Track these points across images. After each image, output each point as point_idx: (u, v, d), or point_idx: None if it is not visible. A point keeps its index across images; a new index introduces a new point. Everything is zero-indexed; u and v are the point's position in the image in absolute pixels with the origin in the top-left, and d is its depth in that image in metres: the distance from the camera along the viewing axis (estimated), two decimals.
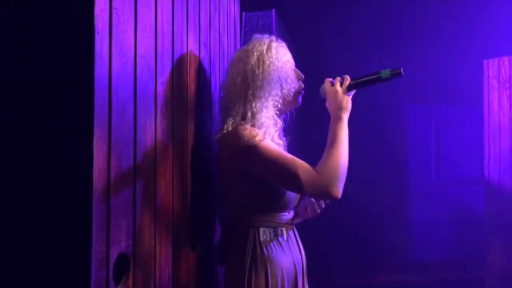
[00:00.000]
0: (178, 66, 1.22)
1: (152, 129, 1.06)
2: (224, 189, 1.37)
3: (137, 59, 0.99)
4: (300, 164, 1.24)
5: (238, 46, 1.87)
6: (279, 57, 1.34)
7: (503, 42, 4.03)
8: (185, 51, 1.28)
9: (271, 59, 1.32)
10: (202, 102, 1.40)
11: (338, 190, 1.24)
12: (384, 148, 4.74)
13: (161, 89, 1.11)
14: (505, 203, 3.30)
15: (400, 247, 4.67)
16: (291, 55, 1.40)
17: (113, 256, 0.88)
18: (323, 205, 1.46)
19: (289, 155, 1.27)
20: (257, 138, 1.26)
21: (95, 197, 0.82)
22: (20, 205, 0.83)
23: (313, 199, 1.44)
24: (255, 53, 1.33)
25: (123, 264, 0.93)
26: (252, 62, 1.31)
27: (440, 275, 4.24)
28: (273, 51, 1.34)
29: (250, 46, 1.35)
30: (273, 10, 2.95)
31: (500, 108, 3.50)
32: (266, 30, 2.87)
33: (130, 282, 0.95)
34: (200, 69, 1.38)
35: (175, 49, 1.20)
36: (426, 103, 4.86)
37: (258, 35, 1.38)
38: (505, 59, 3.50)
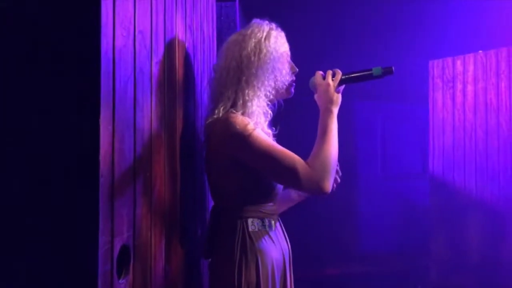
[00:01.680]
0: (169, 47, 1.15)
1: (148, 112, 0.99)
2: (211, 178, 1.31)
3: (136, 33, 0.91)
4: (297, 158, 1.21)
5: (215, 33, 1.81)
6: (277, 47, 1.29)
7: (448, 43, 4.29)
8: (175, 32, 1.20)
9: (268, 48, 1.27)
10: (189, 89, 1.34)
11: (329, 185, 1.23)
12: None
13: (155, 70, 1.04)
14: (448, 195, 3.52)
15: (348, 240, 4.81)
16: (288, 46, 1.35)
17: (117, 247, 0.80)
18: None
19: (282, 147, 1.24)
20: (249, 127, 1.21)
21: (101, 182, 0.74)
22: (22, 189, 0.73)
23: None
24: (253, 39, 1.27)
25: (123, 257, 0.85)
26: (249, 48, 1.26)
27: (388, 265, 4.43)
28: (272, 40, 1.29)
29: (249, 31, 1.30)
30: (237, 1, 2.90)
31: (444, 106, 3.72)
32: (230, 20, 2.82)
33: (131, 276, 0.87)
34: (187, 53, 1.31)
35: (166, 28, 1.13)
36: (373, 101, 5.05)
37: (258, 20, 1.33)
38: (449, 60, 3.72)
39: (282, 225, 1.40)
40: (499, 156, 3.28)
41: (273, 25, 1.33)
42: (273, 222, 1.33)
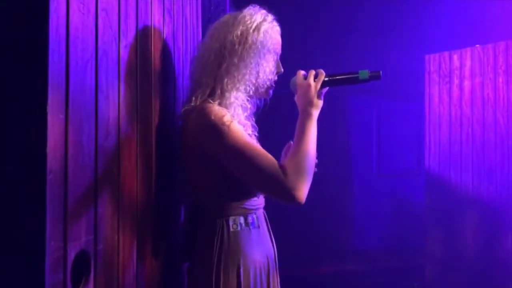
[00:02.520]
0: (143, 31, 1.04)
1: (115, 99, 0.88)
2: (187, 172, 1.21)
3: (99, 11, 0.81)
4: (275, 162, 1.12)
5: (200, 20, 1.71)
6: (265, 42, 1.18)
7: (444, 37, 4.20)
8: (150, 14, 1.09)
9: (254, 41, 1.17)
10: (167, 76, 1.23)
11: (304, 194, 1.13)
12: (327, 141, 4.76)
13: (124, 54, 0.93)
14: (444, 192, 3.45)
15: (343, 238, 4.73)
16: (280, 42, 1.24)
17: (71, 254, 0.70)
18: None
19: (259, 147, 1.14)
20: (225, 119, 1.11)
21: (50, 179, 0.64)
22: None
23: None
24: (241, 26, 1.17)
25: (82, 264, 0.75)
26: (234, 35, 1.16)
27: (383, 263, 4.37)
28: (261, 33, 1.18)
29: (240, 16, 1.19)
30: None
31: (440, 101, 3.64)
32: (220, 10, 2.71)
33: (91, 286, 0.76)
34: (164, 38, 1.21)
35: (139, 9, 1.02)
36: (368, 96, 4.96)
37: (256, 7, 1.22)
38: (446, 54, 3.63)
39: (267, 221, 1.29)
40: (496, 152, 3.20)
41: (269, 17, 1.22)
42: (257, 218, 1.22)
